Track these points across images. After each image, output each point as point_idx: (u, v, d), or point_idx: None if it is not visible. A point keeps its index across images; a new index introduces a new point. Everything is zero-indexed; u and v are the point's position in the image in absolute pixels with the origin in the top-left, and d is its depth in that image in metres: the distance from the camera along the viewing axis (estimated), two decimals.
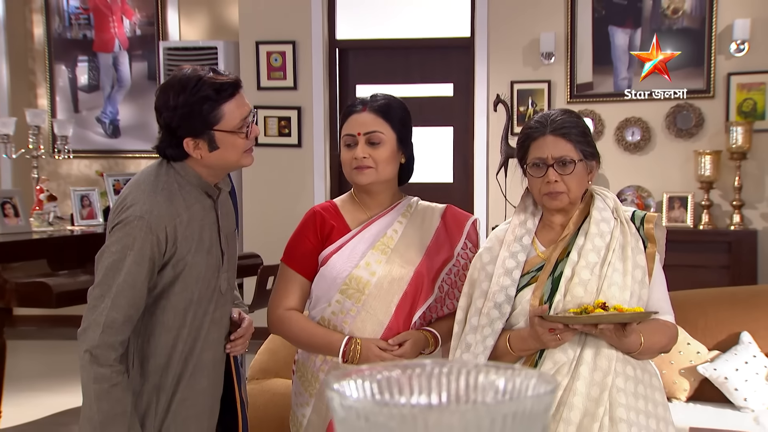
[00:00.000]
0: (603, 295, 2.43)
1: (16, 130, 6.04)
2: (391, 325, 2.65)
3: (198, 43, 7.41)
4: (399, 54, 7.09)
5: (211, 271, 2.53)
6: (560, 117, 2.55)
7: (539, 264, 2.54)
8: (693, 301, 4.31)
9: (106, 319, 2.37)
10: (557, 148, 2.51)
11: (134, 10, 7.87)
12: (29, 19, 8.16)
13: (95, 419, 2.37)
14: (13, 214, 5.18)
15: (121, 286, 2.38)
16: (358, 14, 7.14)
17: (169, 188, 2.48)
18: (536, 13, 6.66)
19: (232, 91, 2.46)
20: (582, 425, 2.36)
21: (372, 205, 2.77)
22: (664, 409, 2.49)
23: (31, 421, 5.44)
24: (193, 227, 2.48)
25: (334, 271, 2.68)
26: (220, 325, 2.59)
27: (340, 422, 0.84)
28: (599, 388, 2.39)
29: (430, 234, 2.76)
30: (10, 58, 8.07)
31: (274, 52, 7.06)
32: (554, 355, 2.43)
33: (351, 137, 2.68)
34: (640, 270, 2.50)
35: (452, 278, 2.77)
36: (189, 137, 2.44)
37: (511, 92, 6.70)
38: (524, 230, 2.60)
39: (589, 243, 2.49)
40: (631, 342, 2.41)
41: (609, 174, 6.56)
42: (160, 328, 2.47)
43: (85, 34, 8.02)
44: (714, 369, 4.08)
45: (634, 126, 6.55)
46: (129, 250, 2.39)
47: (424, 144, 7.10)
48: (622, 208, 2.59)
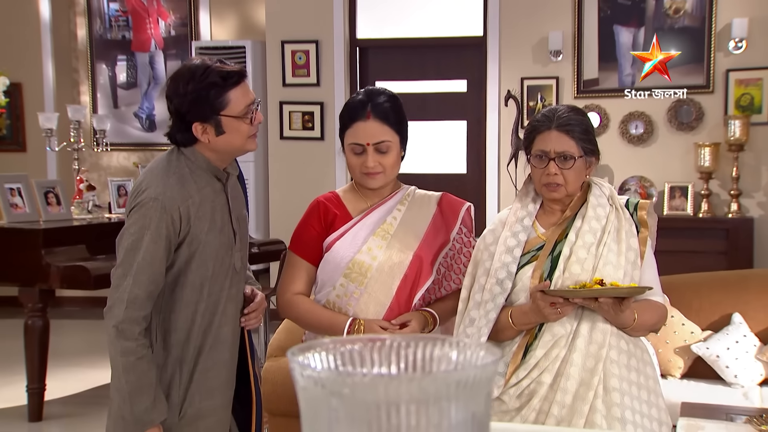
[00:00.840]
0: (598, 272, 2.44)
1: (60, 124, 6.12)
2: (393, 306, 2.67)
3: (227, 43, 7.44)
4: (415, 52, 7.09)
5: (224, 249, 2.56)
6: (566, 113, 2.56)
7: (539, 244, 2.56)
8: (688, 284, 4.32)
9: (129, 295, 2.41)
10: (560, 143, 2.52)
11: (169, 12, 7.93)
12: (73, 21, 8.24)
13: (124, 390, 2.42)
14: (55, 202, 5.25)
15: (141, 264, 2.41)
16: (377, 15, 7.14)
17: (181, 173, 2.51)
18: (545, 13, 6.65)
19: (238, 80, 2.49)
20: (578, 393, 2.39)
21: (372, 194, 2.78)
22: (654, 382, 2.52)
23: (73, 393, 5.53)
24: (205, 208, 2.51)
25: (338, 257, 2.70)
26: (236, 301, 2.63)
27: (301, 390, 0.86)
28: (594, 359, 2.42)
29: (428, 220, 2.77)
30: (56, 57, 8.16)
31: (298, 51, 7.09)
32: (553, 329, 2.45)
33: (359, 146, 2.67)
34: (633, 252, 2.51)
35: (448, 261, 2.79)
36: (197, 122, 2.47)
37: (522, 88, 6.69)
38: (525, 212, 2.62)
39: (586, 225, 2.51)
40: (626, 317, 2.42)
41: (614, 165, 6.55)
42: (179, 304, 2.51)
43: (123, 35, 8.09)
44: (707, 348, 4.09)
45: (637, 120, 6.53)
46: (146, 230, 2.43)
47: (439, 137, 7.14)
48: (617, 196, 2.61)
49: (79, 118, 5.59)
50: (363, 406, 0.79)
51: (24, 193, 5.15)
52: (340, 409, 0.81)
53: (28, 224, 5.03)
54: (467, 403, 0.80)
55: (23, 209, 5.11)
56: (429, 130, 7.07)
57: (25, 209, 5.12)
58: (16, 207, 5.10)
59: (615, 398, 2.39)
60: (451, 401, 0.79)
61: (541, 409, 2.42)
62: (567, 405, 2.39)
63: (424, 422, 0.79)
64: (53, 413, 5.12)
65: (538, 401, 2.42)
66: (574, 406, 2.38)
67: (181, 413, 2.54)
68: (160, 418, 2.45)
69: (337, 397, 0.81)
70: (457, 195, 2.90)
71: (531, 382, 2.43)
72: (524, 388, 2.44)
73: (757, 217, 6.29)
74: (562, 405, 2.39)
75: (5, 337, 6.99)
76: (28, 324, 4.94)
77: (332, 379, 0.82)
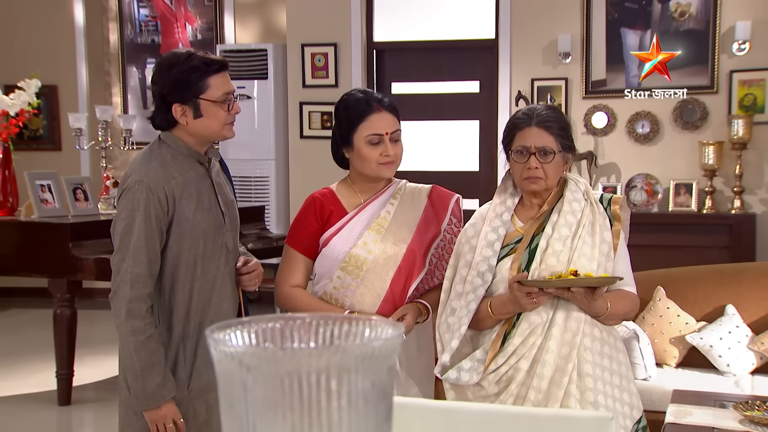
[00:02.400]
0: (573, 264, 2.48)
1: (92, 124, 6.21)
2: (387, 297, 2.71)
3: (250, 46, 7.50)
4: (430, 54, 7.12)
5: (214, 229, 2.59)
6: (545, 111, 2.58)
7: (517, 237, 2.60)
8: (684, 277, 4.33)
9: (132, 275, 2.44)
10: (540, 139, 2.55)
11: (196, 17, 8.02)
12: (105, 26, 8.35)
13: (136, 368, 2.46)
14: (83, 198, 5.34)
15: (137, 244, 2.45)
16: (393, 18, 7.19)
17: (162, 158, 2.55)
18: (554, 16, 6.66)
19: (219, 68, 2.53)
20: (553, 379, 2.43)
21: (366, 189, 2.80)
22: (626, 368, 2.56)
23: (100, 380, 5.61)
24: (191, 189, 2.54)
25: (335, 251, 2.72)
26: (233, 279, 2.67)
27: (217, 364, 0.89)
28: (569, 346, 2.45)
29: (419, 213, 2.80)
30: (89, 61, 8.28)
31: (317, 53, 7.14)
32: (529, 318, 2.49)
33: (378, 136, 2.69)
34: (607, 245, 2.55)
35: (440, 252, 2.83)
36: (177, 103, 2.51)
37: (532, 89, 6.71)
38: (504, 208, 2.65)
39: (562, 219, 2.55)
40: (599, 306, 2.46)
41: (621, 163, 6.56)
42: (176, 284, 2.55)
43: (153, 39, 8.19)
44: (700, 338, 4.11)
45: (643, 119, 6.53)
46: (136, 212, 2.46)
47: (452, 136, 7.17)
48: (592, 192, 2.64)
49: (107, 118, 5.68)
50: (277, 379, 0.83)
51: (54, 189, 5.24)
52: (254, 383, 0.84)
53: (57, 219, 5.13)
54: (370, 373, 0.85)
55: (53, 205, 5.21)
56: (443, 130, 7.11)
57: (55, 204, 5.21)
58: (47, 202, 5.20)
59: (588, 383, 2.43)
60: (357, 372, 0.84)
61: (519, 394, 2.46)
62: (543, 390, 2.43)
63: (333, 390, 0.83)
64: (81, 398, 5.22)
65: (516, 386, 2.47)
66: (549, 391, 2.43)
67: (189, 387, 2.58)
68: (171, 394, 2.50)
69: (251, 370, 0.84)
70: (470, 192, 2.93)
71: (509, 368, 2.48)
72: (503, 374, 2.48)
73: (760, 213, 6.27)
74: (539, 390, 2.43)
75: (37, 326, 7.12)
76: (57, 313, 5.04)
77: (248, 354, 0.85)
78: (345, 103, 2.78)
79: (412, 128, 7.10)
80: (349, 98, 2.79)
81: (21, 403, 5.23)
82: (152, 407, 2.49)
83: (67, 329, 5.04)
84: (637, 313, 4.13)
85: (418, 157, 7.00)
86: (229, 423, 0.87)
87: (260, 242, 5.81)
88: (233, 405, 0.86)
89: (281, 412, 0.83)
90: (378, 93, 2.80)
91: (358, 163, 2.76)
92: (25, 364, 6.01)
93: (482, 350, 2.53)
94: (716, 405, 3.15)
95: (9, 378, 5.70)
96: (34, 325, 7.25)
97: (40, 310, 7.24)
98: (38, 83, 5.45)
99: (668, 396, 3.30)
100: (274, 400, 0.83)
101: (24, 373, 5.81)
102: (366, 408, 0.85)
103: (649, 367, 4.00)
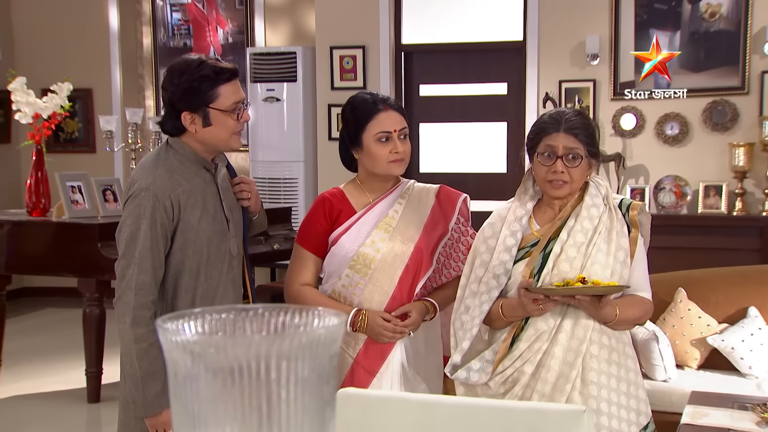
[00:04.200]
0: (586, 271, 2.48)
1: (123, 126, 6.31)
2: (395, 295, 2.75)
3: (280, 49, 7.55)
4: (458, 56, 7.14)
5: (218, 236, 2.61)
6: (574, 117, 2.57)
7: (534, 241, 2.60)
8: (706, 278, 4.32)
9: (137, 282, 2.45)
10: (568, 143, 2.54)
11: (227, 20, 8.12)
12: (139, 30, 8.49)
13: (137, 375, 2.46)
14: (112, 199, 5.43)
15: (142, 252, 2.46)
16: (421, 21, 7.21)
17: (169, 164, 2.56)
18: (583, 17, 6.65)
19: (230, 76, 2.54)
20: (557, 385, 2.46)
21: (375, 189, 2.84)
22: (635, 374, 2.57)
23: None
24: (196, 196, 2.56)
25: (343, 250, 2.77)
26: (234, 285, 2.70)
27: (166, 353, 0.91)
28: (574, 353, 2.47)
29: (427, 212, 2.83)
30: (123, 64, 8.41)
31: (346, 56, 7.19)
32: (536, 324, 2.51)
33: (387, 134, 2.73)
34: (623, 252, 2.54)
35: (447, 250, 2.86)
36: (187, 111, 2.51)
37: (560, 90, 6.70)
38: (523, 211, 2.65)
39: (579, 225, 2.55)
40: (607, 313, 2.47)
41: (649, 165, 6.53)
42: (179, 290, 2.56)
43: (185, 43, 8.30)
44: (722, 340, 4.09)
45: (673, 120, 6.49)
46: (142, 219, 2.47)
47: (480, 138, 7.18)
48: (613, 196, 2.63)
49: (137, 120, 5.78)
50: (222, 368, 0.86)
51: (84, 190, 5.35)
52: (201, 371, 0.87)
53: (86, 219, 5.23)
54: (312, 361, 0.88)
55: (83, 205, 5.31)
56: (470, 132, 7.12)
57: (85, 205, 5.32)
58: (77, 203, 5.30)
59: (592, 391, 2.45)
60: (299, 360, 0.87)
61: (523, 395, 2.49)
62: (546, 394, 2.46)
63: (276, 378, 0.86)
64: (110, 395, 5.28)
65: (520, 389, 2.49)
66: (552, 396, 2.46)
67: None
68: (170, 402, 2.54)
69: (197, 359, 0.87)
70: (498, 194, 2.95)
71: (514, 371, 2.51)
72: (508, 376, 2.51)
73: None
74: (542, 394, 2.46)
75: (69, 325, 7.24)
76: (86, 312, 5.14)
77: (194, 343, 0.88)
78: (352, 104, 2.83)
79: (439, 130, 7.14)
80: (356, 99, 2.84)
81: (52, 399, 5.34)
82: (151, 414, 2.50)
83: (96, 328, 5.13)
84: (655, 316, 4.14)
85: (445, 159, 7.03)
86: (178, 412, 0.90)
87: (287, 243, 5.87)
88: (181, 394, 0.89)
89: (226, 401, 0.86)
90: (383, 95, 2.85)
91: (367, 162, 2.79)
92: (57, 362, 6.13)
93: (491, 351, 2.56)
94: (735, 407, 3.14)
95: (41, 375, 5.82)
96: (67, 324, 7.38)
97: (73, 309, 7.37)
98: (70, 86, 5.56)
99: (686, 397, 3.29)
100: (219, 389, 0.86)
101: (56, 370, 5.94)
102: (307, 395, 0.88)
103: (668, 368, 3.99)
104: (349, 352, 2.76)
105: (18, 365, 5.96)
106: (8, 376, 5.65)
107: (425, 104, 7.17)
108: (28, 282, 8.38)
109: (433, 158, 7.08)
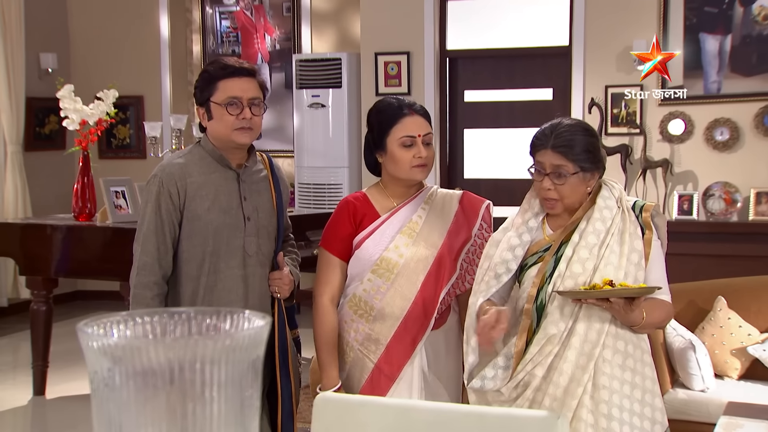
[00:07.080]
0: (599, 273, 2.45)
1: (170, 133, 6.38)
2: (417, 301, 2.75)
3: (326, 55, 7.62)
4: (503, 62, 7.12)
5: (229, 230, 2.67)
6: (565, 132, 2.52)
7: (546, 245, 2.59)
8: (747, 287, 4.23)
9: (139, 262, 2.59)
10: (555, 161, 2.50)
11: (275, 27, 8.21)
12: (189, 38, 8.63)
13: None
14: None
15: (146, 234, 2.59)
16: (466, 26, 7.20)
17: (190, 158, 2.70)
18: (630, 22, 6.57)
19: (232, 73, 2.64)
20: (568, 388, 2.44)
21: (399, 193, 2.85)
22: (652, 382, 2.53)
23: None
24: (209, 189, 2.65)
25: (367, 254, 2.77)
26: (247, 284, 2.73)
27: (87, 359, 0.91)
28: (587, 357, 2.44)
29: (450, 218, 2.83)
30: (173, 71, 8.56)
31: (390, 62, 7.21)
32: (546, 329, 2.48)
33: (411, 138, 2.74)
34: (637, 254, 2.51)
35: (470, 257, 2.85)
36: (198, 106, 2.69)
37: (606, 96, 6.63)
38: (532, 215, 2.65)
39: (591, 227, 2.53)
40: (636, 316, 2.43)
41: (698, 171, 6.42)
42: (184, 278, 2.66)
43: (233, 50, 8.41)
44: (763, 350, 4.00)
45: (723, 126, 6.38)
46: (148, 203, 2.62)
47: (525, 144, 7.11)
48: (626, 198, 2.60)
49: (180, 126, 5.87)
50: (143, 372, 0.86)
51: (128, 195, 5.45)
52: (121, 376, 0.87)
53: (129, 224, 5.32)
54: (235, 364, 0.88)
55: (126, 210, 5.41)
56: (516, 138, 7.08)
57: (128, 210, 5.41)
58: (120, 208, 5.40)
59: (603, 395, 2.42)
60: (221, 363, 0.87)
61: (535, 399, 2.47)
62: (558, 398, 2.43)
63: (192, 378, 0.87)
64: None
65: (532, 392, 2.47)
66: (564, 399, 2.43)
67: None
68: None
69: (117, 363, 0.87)
70: None
71: (525, 374, 2.49)
72: (520, 380, 2.49)
73: None
74: (554, 397, 2.44)
75: None
76: None
77: (114, 347, 0.88)
78: (378, 108, 2.85)
79: (484, 136, 7.11)
80: (381, 103, 2.86)
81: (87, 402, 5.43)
82: None
83: None
84: (693, 324, 4.07)
85: (490, 165, 6.99)
86: (99, 420, 0.90)
87: None
88: (101, 401, 0.89)
89: (146, 406, 0.86)
90: (407, 99, 2.85)
91: (391, 166, 2.80)
92: None
93: (504, 357, 2.54)
94: None
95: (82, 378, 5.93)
96: None
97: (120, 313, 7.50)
98: (116, 93, 5.67)
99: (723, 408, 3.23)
100: (139, 395, 0.86)
101: None
102: (229, 399, 0.88)
103: (706, 378, 3.92)
104: (370, 357, 2.76)
105: (67, 367, 6.08)
106: (56, 377, 5.77)
107: (470, 110, 7.15)
108: (81, 285, 8.56)
109: (478, 164, 7.07)
